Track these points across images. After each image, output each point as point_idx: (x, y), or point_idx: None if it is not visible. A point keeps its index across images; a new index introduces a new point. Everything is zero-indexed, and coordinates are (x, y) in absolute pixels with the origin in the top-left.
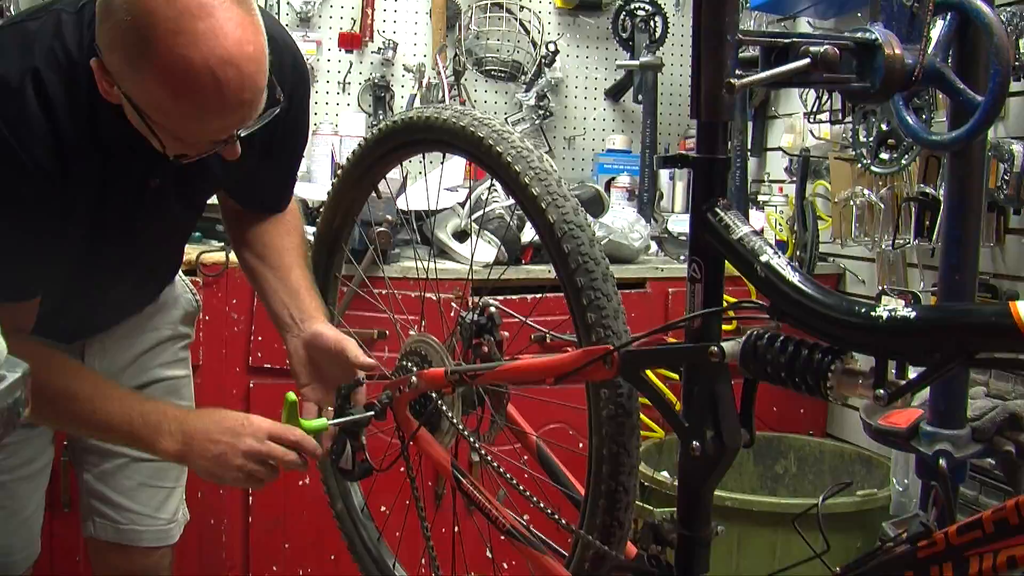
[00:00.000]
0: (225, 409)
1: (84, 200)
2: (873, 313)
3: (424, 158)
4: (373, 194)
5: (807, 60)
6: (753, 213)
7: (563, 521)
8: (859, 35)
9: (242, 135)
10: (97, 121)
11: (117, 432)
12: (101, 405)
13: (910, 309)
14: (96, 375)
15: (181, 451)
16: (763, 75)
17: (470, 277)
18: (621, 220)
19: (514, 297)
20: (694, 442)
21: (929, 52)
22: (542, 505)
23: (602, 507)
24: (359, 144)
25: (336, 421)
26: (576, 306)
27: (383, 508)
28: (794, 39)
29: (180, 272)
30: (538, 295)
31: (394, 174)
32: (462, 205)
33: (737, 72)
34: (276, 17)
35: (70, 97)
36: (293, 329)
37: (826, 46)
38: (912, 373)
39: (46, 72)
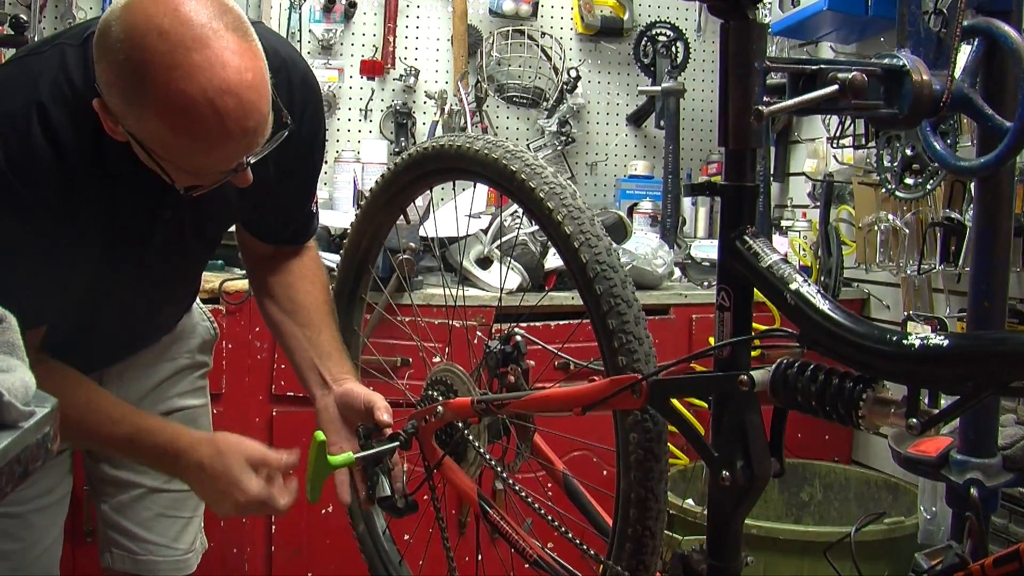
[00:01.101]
0: (224, 458)
1: (94, 233)
2: (905, 342)
3: (454, 185)
4: (397, 224)
5: (835, 87)
6: (776, 238)
7: (592, 552)
8: (887, 61)
9: (252, 162)
10: (104, 154)
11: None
12: (104, 415)
13: (942, 338)
14: (98, 388)
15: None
16: (791, 102)
17: (500, 303)
18: (644, 246)
19: (538, 324)
20: (724, 472)
21: (957, 78)
22: (571, 535)
23: (628, 550)
24: (388, 168)
25: (362, 454)
26: (607, 348)
27: (406, 536)
28: (822, 66)
29: (197, 300)
30: (562, 321)
31: (418, 201)
32: (485, 232)
33: (765, 99)
34: (296, 46)
35: (76, 131)
36: (326, 387)
37: (854, 72)
38: (944, 401)
39: (51, 107)
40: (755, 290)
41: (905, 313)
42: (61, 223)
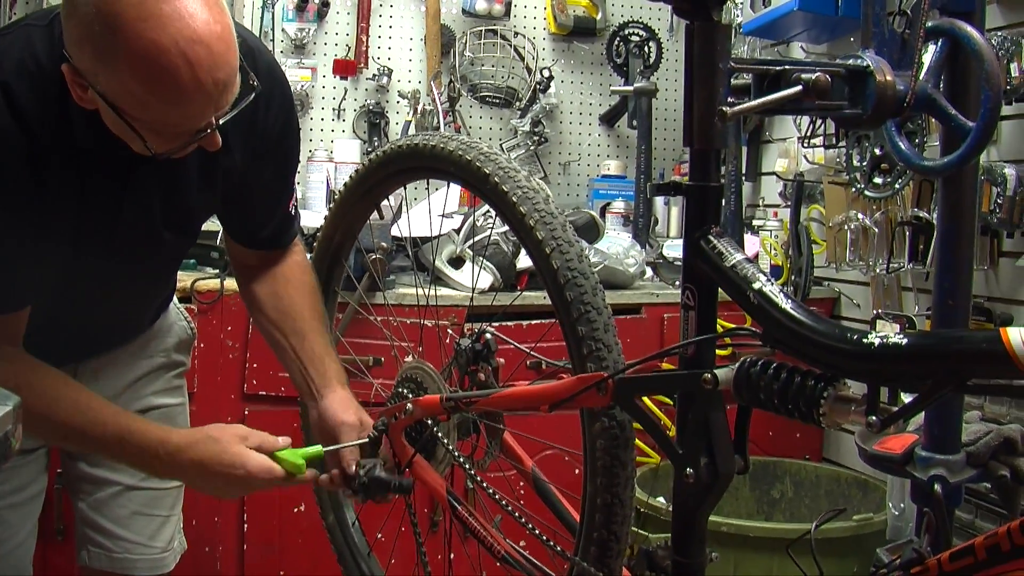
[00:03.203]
0: (220, 443)
1: (62, 211)
2: (865, 340)
3: (428, 184)
4: (371, 221)
5: (799, 87)
6: (748, 238)
7: (559, 548)
8: (851, 62)
9: (220, 122)
10: (71, 130)
11: (108, 451)
12: (92, 416)
13: (902, 336)
14: (85, 389)
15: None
16: (755, 103)
17: (471, 302)
18: (616, 246)
19: (510, 323)
20: (688, 469)
21: (921, 78)
22: (538, 532)
23: (593, 553)
24: (363, 163)
25: (331, 448)
26: (576, 354)
27: (379, 535)
28: (786, 67)
29: (175, 300)
30: (534, 321)
31: (391, 200)
32: (457, 231)
33: (729, 100)
34: (268, 45)
35: (42, 107)
36: (313, 399)
37: (817, 73)
38: (906, 398)
39: (17, 84)
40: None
41: (875, 311)
42: (29, 200)
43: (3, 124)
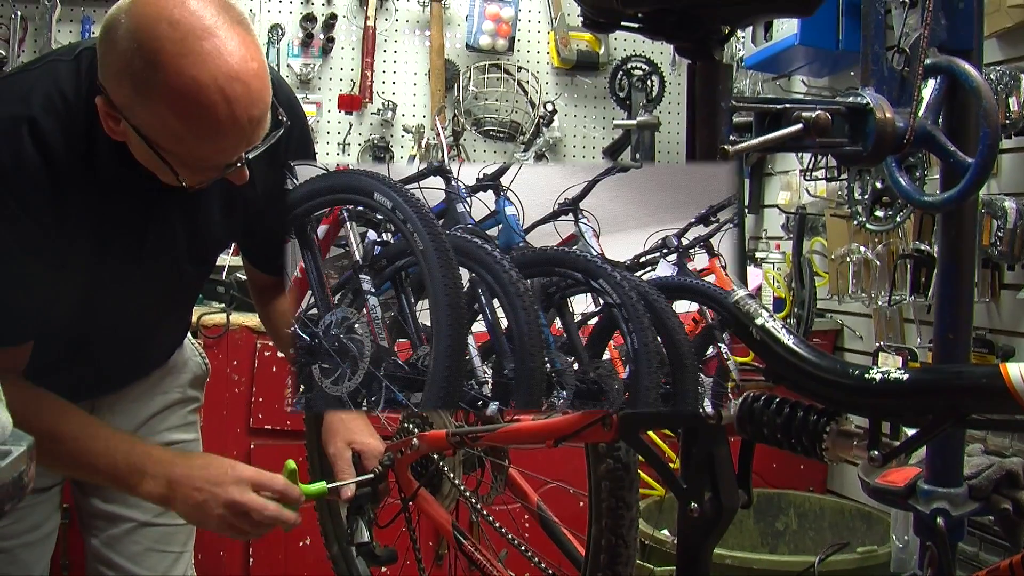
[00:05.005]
0: (212, 455)
1: (83, 245)
2: (866, 376)
3: None
4: None
5: (799, 126)
6: (751, 270)
7: None
8: (850, 100)
9: (250, 157)
10: (96, 165)
11: (100, 472)
12: (85, 444)
13: (903, 371)
14: (84, 415)
15: (164, 495)
16: (756, 141)
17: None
18: None
19: None
20: (692, 503)
21: (920, 115)
22: (543, 566)
23: None
24: None
25: (335, 484)
26: None
27: (384, 569)
28: (786, 105)
29: (189, 335)
30: None
31: None
32: None
33: (731, 138)
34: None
35: (68, 141)
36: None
37: (818, 111)
38: (908, 432)
39: (43, 119)
40: None
41: (877, 344)
42: (49, 233)
43: (29, 160)
